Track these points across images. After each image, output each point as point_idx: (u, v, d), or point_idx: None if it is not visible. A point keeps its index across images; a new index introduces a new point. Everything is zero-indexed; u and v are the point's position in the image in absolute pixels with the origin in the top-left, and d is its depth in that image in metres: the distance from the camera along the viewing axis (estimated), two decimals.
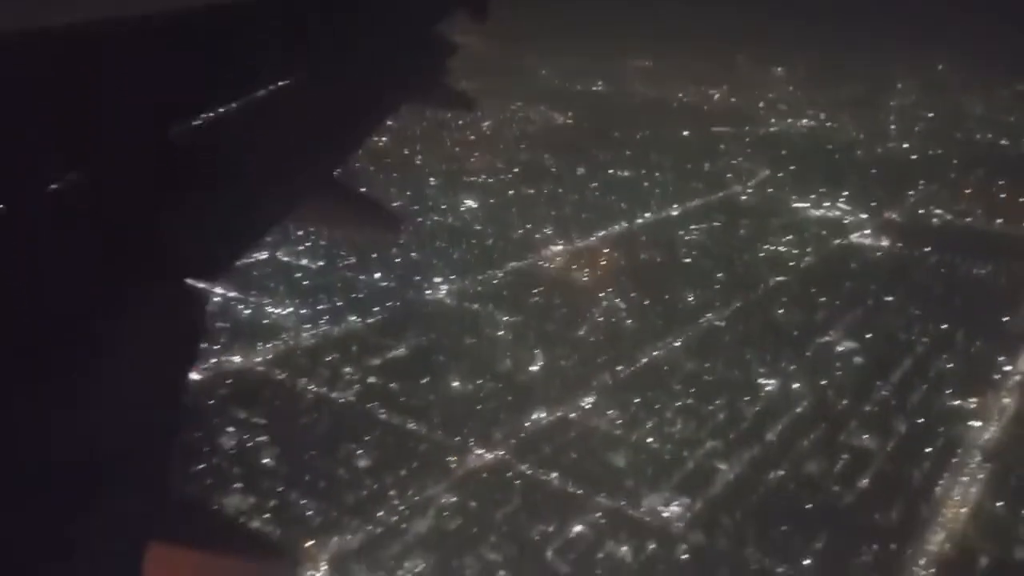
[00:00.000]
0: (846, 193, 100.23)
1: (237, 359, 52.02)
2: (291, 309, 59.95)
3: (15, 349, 2.55)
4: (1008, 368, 54.20)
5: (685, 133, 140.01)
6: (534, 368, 53.18)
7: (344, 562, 34.82)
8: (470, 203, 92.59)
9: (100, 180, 3.41)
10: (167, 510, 2.67)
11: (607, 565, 35.54)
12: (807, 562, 35.38)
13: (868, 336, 58.15)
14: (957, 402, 49.19)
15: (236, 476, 39.98)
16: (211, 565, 3.02)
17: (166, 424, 2.76)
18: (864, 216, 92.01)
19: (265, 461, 41.35)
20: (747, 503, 39.45)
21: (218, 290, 46.91)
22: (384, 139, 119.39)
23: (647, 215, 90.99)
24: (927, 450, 44.26)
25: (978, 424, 47.29)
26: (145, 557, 2.39)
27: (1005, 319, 60.70)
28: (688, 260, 75.43)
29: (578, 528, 37.40)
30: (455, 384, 50.61)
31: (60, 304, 2.77)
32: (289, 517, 37.12)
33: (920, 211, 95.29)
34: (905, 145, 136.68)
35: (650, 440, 44.88)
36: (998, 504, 40.20)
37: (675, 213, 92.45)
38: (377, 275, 67.78)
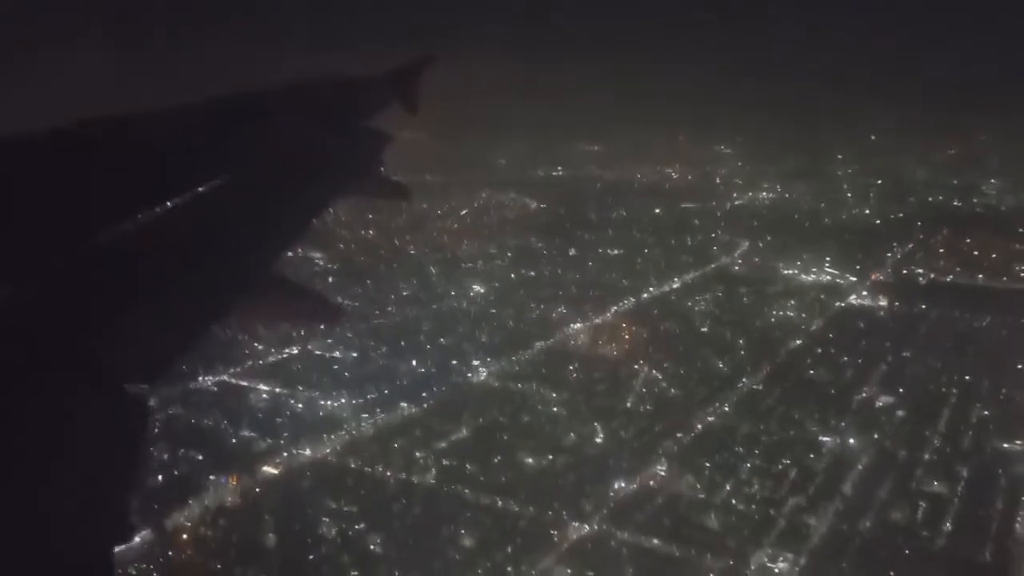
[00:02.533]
0: (828, 258, 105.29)
1: (307, 452, 52.30)
2: (343, 400, 60.42)
3: None
4: None
5: (657, 211, 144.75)
6: (598, 440, 54.55)
7: None
8: (477, 288, 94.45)
9: (26, 289, 3.34)
10: None
11: None
12: None
13: (901, 390, 61.12)
14: (1006, 445, 52.06)
15: (348, 564, 40.23)
16: None
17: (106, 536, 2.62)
18: (853, 279, 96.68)
19: (372, 547, 41.64)
20: (847, 554, 41.10)
21: (264, 387, 48.06)
22: (371, 232, 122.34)
23: (650, 289, 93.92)
24: (995, 490, 46.80)
25: None
26: None
27: (1020, 366, 64.31)
28: (705, 329, 78.20)
29: None
30: (528, 460, 51.61)
31: None
32: None
33: (904, 271, 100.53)
34: (866, 211, 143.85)
35: (735, 501, 46.45)
36: None
37: (676, 286, 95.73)
38: (414, 362, 68.82)
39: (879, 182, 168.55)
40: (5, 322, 3.14)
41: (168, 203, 4.48)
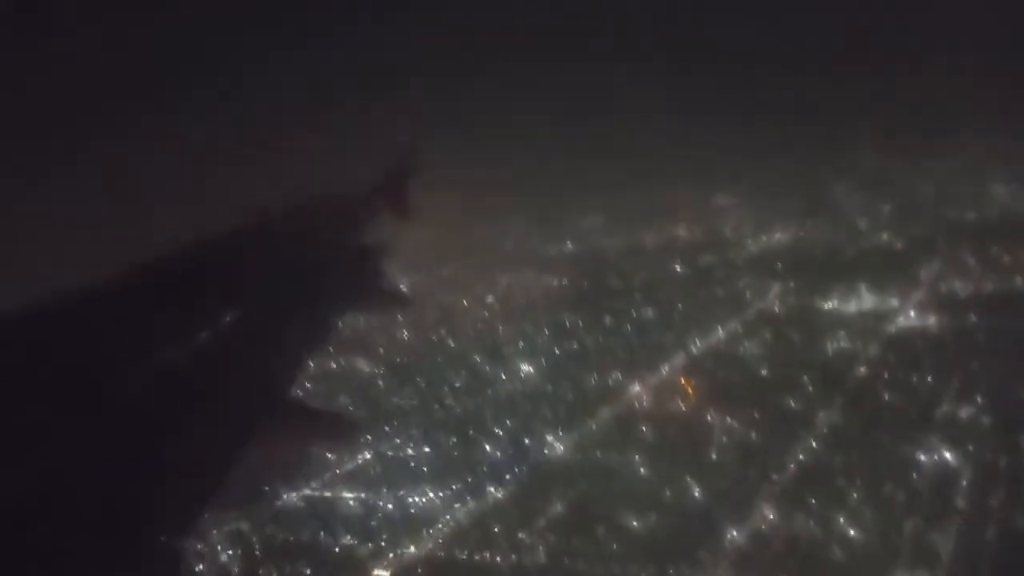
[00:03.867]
0: (863, 287, 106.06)
1: (412, 549, 52.30)
2: (430, 495, 60.54)
3: None
4: None
5: (677, 268, 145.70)
6: (696, 494, 54.43)
7: None
8: (526, 368, 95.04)
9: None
10: None
11: None
12: None
13: (980, 400, 61.09)
14: None
15: None
16: None
17: None
18: (895, 303, 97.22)
19: None
20: (981, 566, 40.78)
21: (349, 494, 48.65)
22: (406, 332, 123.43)
23: (697, 343, 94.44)
24: None
25: None
26: None
27: None
28: (765, 372, 78.47)
29: None
30: (633, 525, 51.48)
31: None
32: None
33: (942, 288, 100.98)
34: (884, 235, 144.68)
35: (852, 532, 46.20)
36: None
37: (721, 336, 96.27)
38: (487, 448, 69.08)
39: (888, 206, 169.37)
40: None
41: (174, 349, 4.34)
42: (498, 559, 49.68)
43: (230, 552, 53.18)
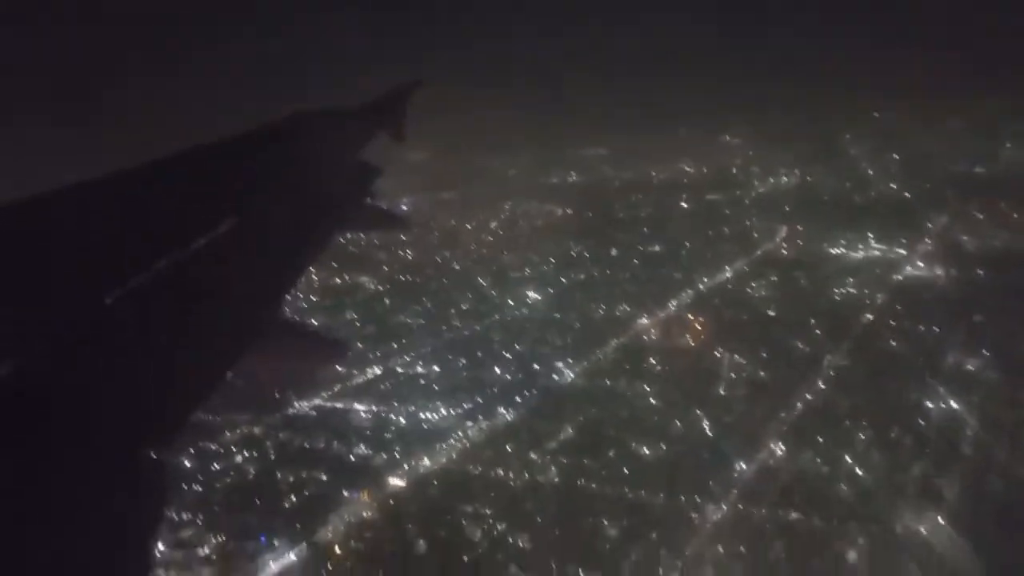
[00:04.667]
0: (870, 235, 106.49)
1: (426, 462, 53.44)
2: (442, 412, 61.54)
3: None
4: None
5: (684, 205, 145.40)
6: (704, 426, 55.60)
7: None
8: (533, 295, 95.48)
9: (36, 354, 3.17)
10: None
11: None
12: None
13: (986, 353, 62.12)
14: None
15: (503, 561, 41.38)
16: None
17: None
18: (902, 252, 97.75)
19: (521, 544, 42.74)
20: (987, 508, 42.17)
21: (360, 406, 49.24)
22: (409, 252, 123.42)
23: (704, 280, 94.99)
24: None
25: None
26: None
27: None
28: (772, 313, 79.25)
29: (852, 555, 39.64)
30: (643, 452, 52.70)
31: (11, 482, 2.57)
32: None
33: (949, 241, 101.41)
34: (892, 185, 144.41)
35: (861, 472, 47.50)
36: None
37: (729, 275, 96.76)
38: (497, 371, 69.96)
39: (896, 157, 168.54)
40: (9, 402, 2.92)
41: (168, 257, 4.28)
42: (511, 476, 50.89)
43: (244, 454, 54.19)
